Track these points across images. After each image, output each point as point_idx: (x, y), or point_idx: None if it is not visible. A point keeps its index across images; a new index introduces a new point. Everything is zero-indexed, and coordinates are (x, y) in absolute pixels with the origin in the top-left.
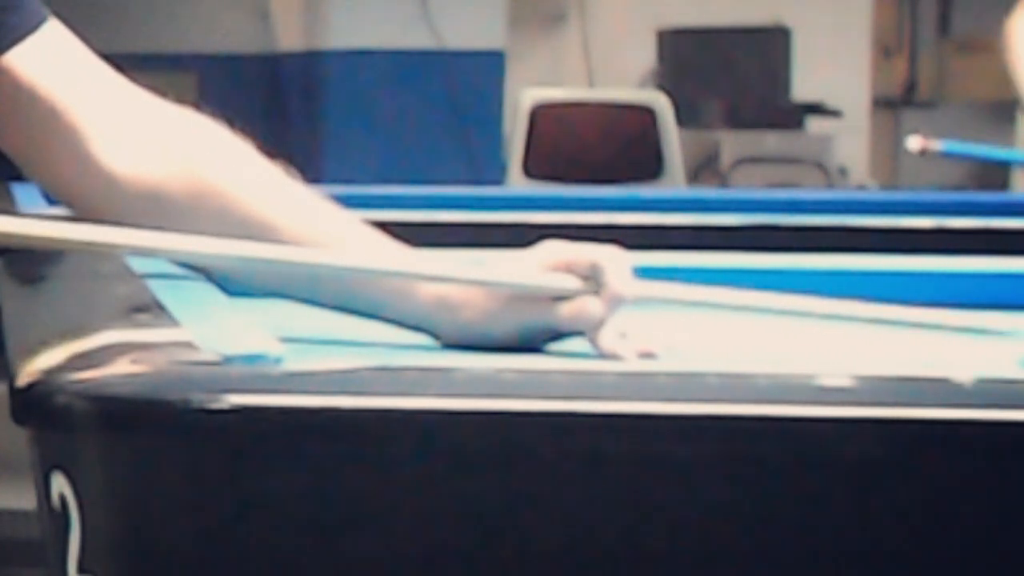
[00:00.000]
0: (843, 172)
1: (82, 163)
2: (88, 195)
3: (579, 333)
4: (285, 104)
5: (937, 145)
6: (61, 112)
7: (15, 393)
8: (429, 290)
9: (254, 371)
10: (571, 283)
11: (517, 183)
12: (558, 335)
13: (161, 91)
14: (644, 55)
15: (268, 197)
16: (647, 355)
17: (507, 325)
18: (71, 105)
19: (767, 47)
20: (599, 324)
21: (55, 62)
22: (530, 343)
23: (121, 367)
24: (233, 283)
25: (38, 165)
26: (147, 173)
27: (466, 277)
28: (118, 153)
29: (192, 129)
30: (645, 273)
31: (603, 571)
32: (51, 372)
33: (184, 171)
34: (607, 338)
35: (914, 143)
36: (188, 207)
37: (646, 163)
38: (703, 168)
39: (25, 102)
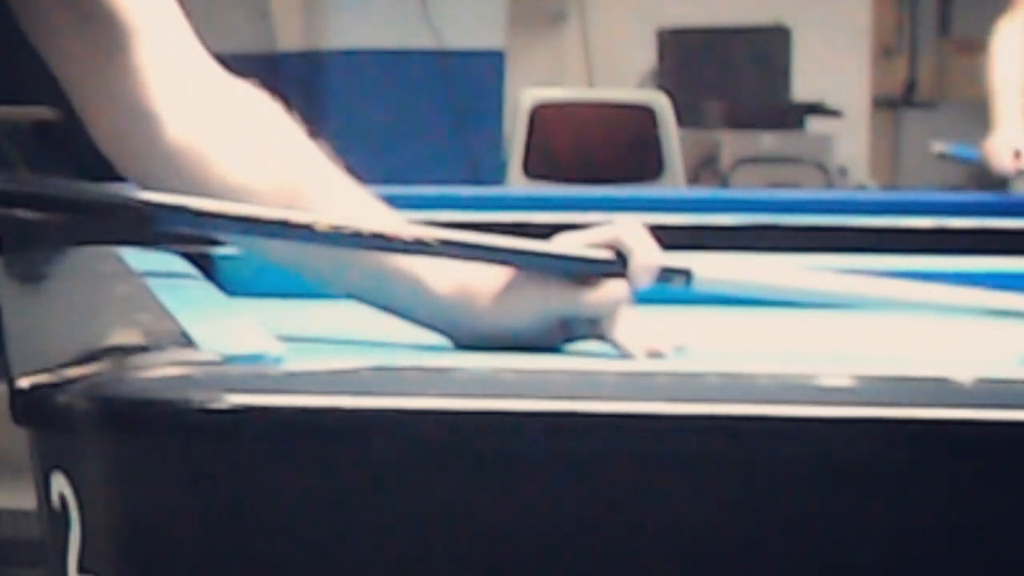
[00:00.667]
0: (843, 172)
1: (130, 92)
2: (123, 127)
3: (596, 332)
4: (285, 104)
5: (948, 148)
6: (130, 37)
7: (15, 393)
8: (445, 280)
9: (254, 371)
10: (604, 255)
11: (517, 183)
12: (577, 327)
13: None
14: (644, 55)
15: (305, 168)
16: (655, 354)
17: (526, 312)
18: (140, 32)
19: (767, 47)
20: (621, 307)
21: None
22: (548, 334)
23: (121, 367)
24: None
25: (84, 84)
26: (188, 125)
27: (512, 247)
28: (168, 95)
29: (246, 97)
30: None
31: (603, 571)
32: (51, 372)
33: (225, 134)
34: (621, 330)
35: (937, 147)
36: (219, 160)
37: (646, 163)
38: (703, 168)
39: (103, 15)
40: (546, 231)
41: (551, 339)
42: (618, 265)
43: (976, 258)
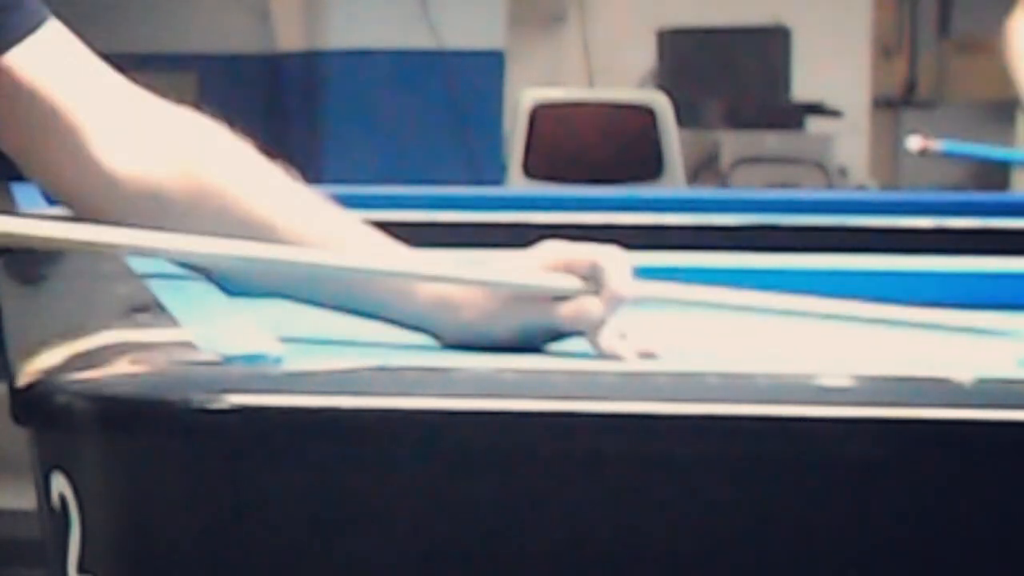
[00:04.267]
0: (843, 172)
1: (82, 163)
2: (88, 194)
3: (579, 333)
4: (285, 104)
5: (938, 145)
6: (61, 112)
7: (15, 393)
8: (429, 290)
9: (254, 371)
10: (571, 283)
11: (517, 183)
12: (558, 335)
13: (161, 91)
14: (644, 55)
15: (267, 197)
16: (647, 355)
17: (507, 325)
18: (71, 105)
19: (767, 47)
20: (599, 324)
21: (55, 62)
22: (530, 343)
23: (121, 367)
24: (233, 283)
25: (38, 165)
26: (146, 173)
27: (466, 277)
28: (118, 153)
29: (192, 130)
30: (645, 273)
31: (603, 571)
32: (51, 372)
33: (183, 171)
34: (607, 338)
35: (914, 143)
36: (187, 207)
37: (646, 163)
38: (703, 168)
39: (25, 102)
40: (546, 231)
41: (535, 344)
42: (591, 289)
43: (976, 258)
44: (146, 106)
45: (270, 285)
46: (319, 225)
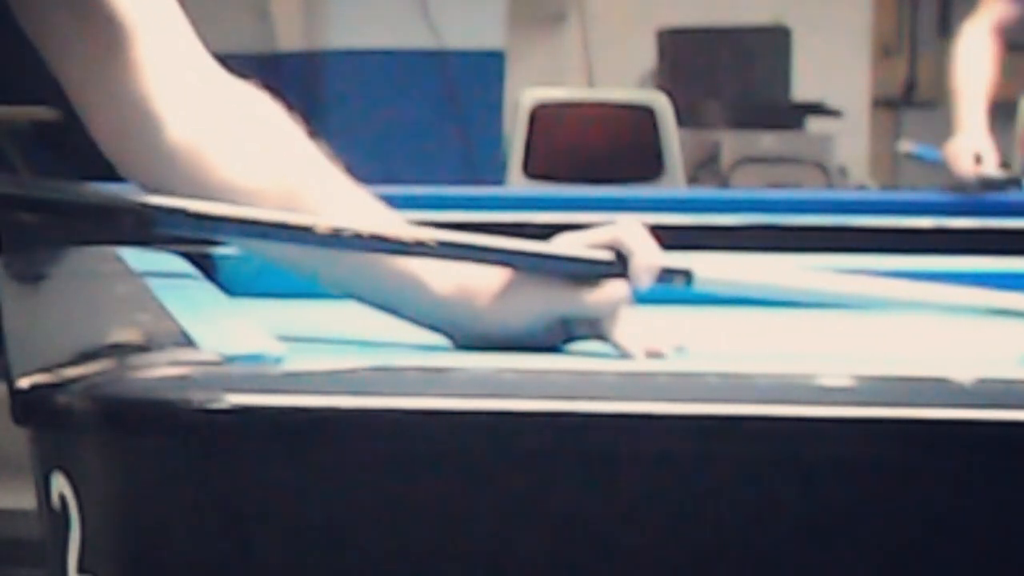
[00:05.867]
0: (843, 172)
1: (130, 92)
2: (122, 127)
3: (596, 332)
4: (285, 104)
5: (911, 147)
6: (129, 37)
7: (15, 393)
8: (444, 279)
9: (254, 371)
10: (603, 255)
11: (517, 183)
12: (577, 324)
13: None
14: (644, 55)
15: (306, 170)
16: (655, 354)
17: (527, 312)
18: (139, 31)
19: (767, 47)
20: (622, 307)
21: None
22: (547, 334)
23: (121, 367)
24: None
25: (84, 83)
26: (197, 133)
27: (512, 248)
28: (168, 95)
29: (247, 97)
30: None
31: (603, 571)
32: (51, 372)
33: (226, 134)
34: (622, 331)
35: (904, 146)
36: (220, 161)
37: (646, 163)
38: (703, 168)
39: (102, 15)
40: (546, 231)
41: (551, 339)
42: (618, 266)
43: (976, 258)
44: (206, 63)
45: (285, 259)
46: (351, 204)
